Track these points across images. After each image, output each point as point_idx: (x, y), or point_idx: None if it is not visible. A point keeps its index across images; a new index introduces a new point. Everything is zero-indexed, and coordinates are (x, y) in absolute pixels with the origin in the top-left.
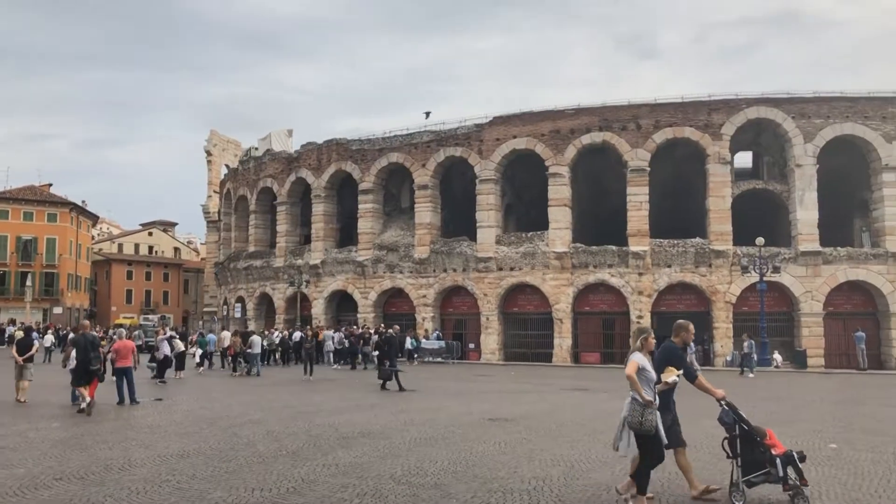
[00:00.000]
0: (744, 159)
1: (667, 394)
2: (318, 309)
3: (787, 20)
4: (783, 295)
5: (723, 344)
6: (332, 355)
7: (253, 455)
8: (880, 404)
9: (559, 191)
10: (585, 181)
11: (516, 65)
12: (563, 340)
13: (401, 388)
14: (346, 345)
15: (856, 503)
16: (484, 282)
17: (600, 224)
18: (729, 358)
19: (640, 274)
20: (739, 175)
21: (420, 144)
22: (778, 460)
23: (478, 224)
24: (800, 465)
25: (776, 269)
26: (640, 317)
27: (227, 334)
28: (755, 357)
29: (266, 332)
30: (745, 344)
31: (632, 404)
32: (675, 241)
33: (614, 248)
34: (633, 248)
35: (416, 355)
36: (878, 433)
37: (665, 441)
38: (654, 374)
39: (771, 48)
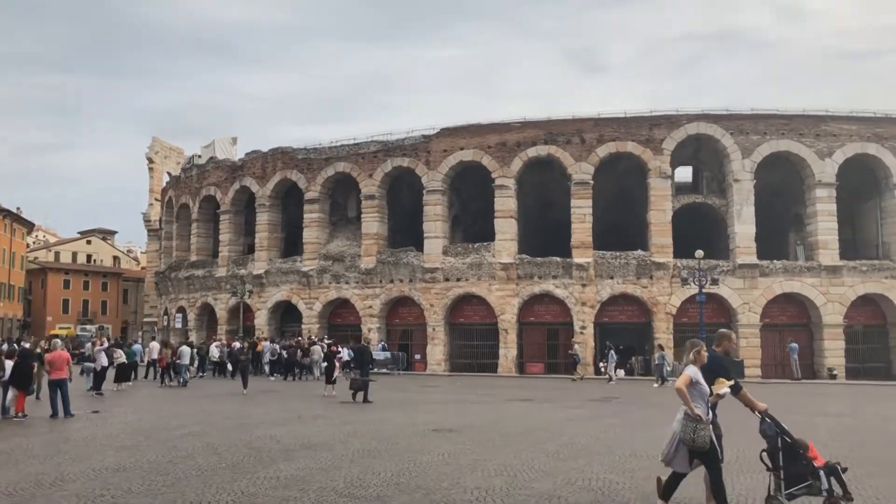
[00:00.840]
0: (684, 174)
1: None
2: (261, 319)
3: (727, 38)
4: (722, 307)
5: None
6: (268, 367)
7: (192, 468)
8: (812, 413)
9: (505, 203)
10: (531, 193)
11: (467, 77)
12: (508, 351)
13: (365, 400)
14: (284, 356)
15: (743, 498)
16: (430, 292)
17: (545, 236)
18: (669, 368)
19: (584, 285)
20: (680, 189)
21: (367, 154)
22: (821, 472)
23: (425, 235)
24: (843, 477)
25: (715, 282)
26: (583, 327)
27: (155, 345)
28: (668, 368)
29: (218, 343)
30: (657, 356)
31: (684, 419)
32: (618, 254)
33: (559, 259)
34: (577, 259)
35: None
36: (808, 440)
37: (721, 454)
38: (706, 388)
39: (712, 64)
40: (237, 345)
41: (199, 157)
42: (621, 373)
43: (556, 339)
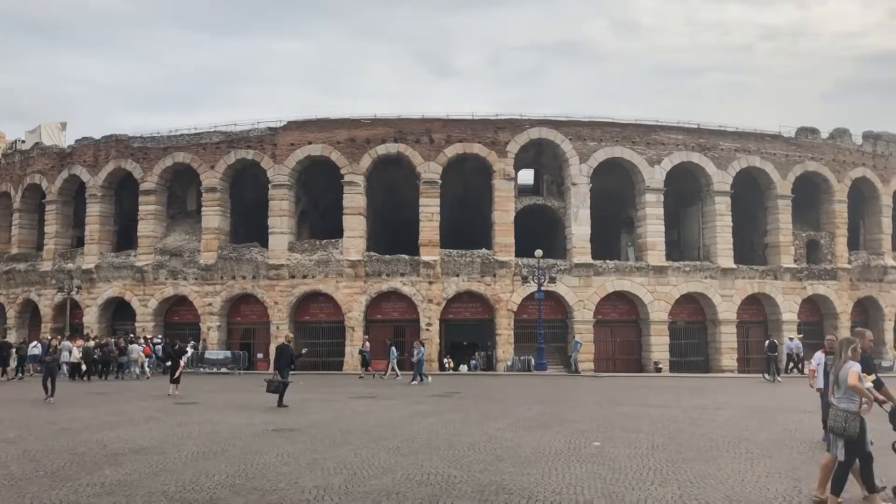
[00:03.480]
0: (527, 176)
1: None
2: (90, 317)
3: (571, 48)
4: (559, 304)
5: (504, 350)
6: (67, 367)
7: (3, 477)
8: (637, 404)
9: (354, 199)
10: (380, 191)
11: (318, 73)
12: (354, 348)
13: (280, 404)
14: (98, 354)
15: (612, 496)
16: (275, 290)
17: (394, 233)
18: (509, 363)
19: (431, 283)
20: (522, 191)
21: (209, 145)
22: None
23: (270, 230)
24: None
25: (552, 280)
26: (429, 324)
27: None
28: (421, 362)
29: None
30: (416, 351)
31: (834, 411)
32: (464, 252)
33: (407, 257)
34: (424, 257)
35: (200, 365)
36: (634, 431)
37: (869, 444)
38: (869, 383)
39: (555, 73)
40: (91, 344)
41: (23, 142)
42: (464, 368)
43: (403, 336)
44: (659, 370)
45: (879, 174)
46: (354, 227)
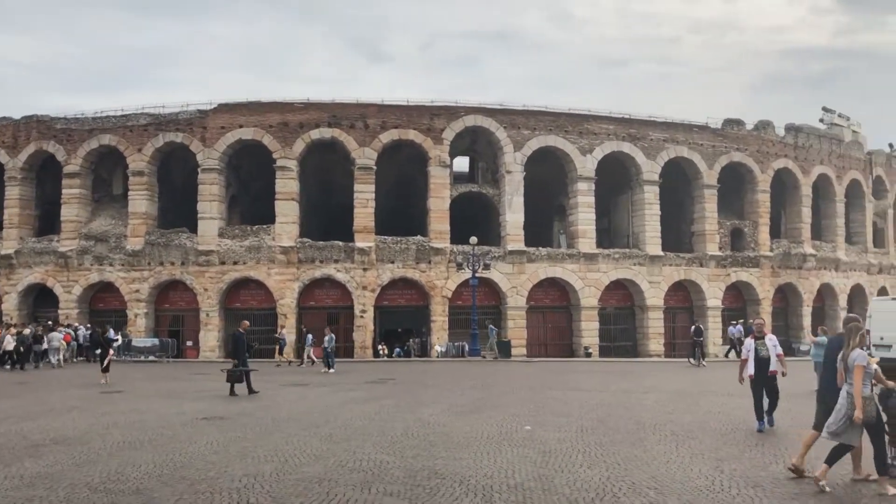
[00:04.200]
0: (462, 164)
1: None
2: (10, 304)
3: (505, 37)
4: (493, 290)
5: (439, 336)
6: None
7: None
8: (567, 388)
9: (287, 184)
10: (314, 176)
11: (251, 56)
12: (287, 336)
13: (251, 391)
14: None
15: (542, 479)
16: (205, 276)
17: (328, 219)
18: (443, 349)
19: (365, 269)
20: (458, 178)
21: (136, 127)
22: None
23: (199, 215)
24: None
25: (487, 267)
26: (363, 311)
27: None
28: (332, 350)
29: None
30: (326, 339)
31: (849, 397)
32: (399, 239)
33: (341, 243)
34: (359, 244)
35: (126, 353)
36: (564, 415)
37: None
38: (873, 368)
39: (491, 62)
40: (28, 331)
41: None
42: (398, 351)
43: (337, 322)
44: (589, 355)
45: (800, 165)
46: (287, 212)
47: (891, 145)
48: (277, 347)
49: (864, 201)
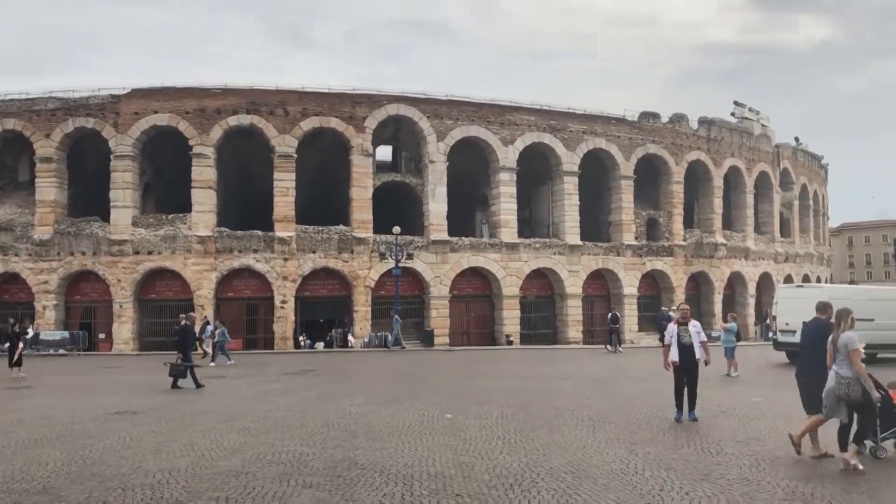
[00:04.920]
0: (385, 153)
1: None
2: None
3: (430, 27)
4: (416, 280)
5: (361, 326)
6: None
7: None
8: (488, 376)
9: (204, 172)
10: (232, 164)
11: (168, 40)
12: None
13: (197, 385)
14: None
15: (462, 466)
16: (118, 266)
17: (247, 208)
18: (366, 339)
19: (286, 259)
20: (381, 167)
21: (44, 112)
22: None
23: (112, 204)
24: None
25: (410, 256)
26: (283, 302)
27: None
28: (226, 342)
29: None
30: (217, 332)
31: (837, 378)
32: (320, 228)
33: (260, 233)
34: (279, 233)
35: (35, 347)
36: (485, 402)
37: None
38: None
39: (415, 51)
40: None
41: None
42: (321, 345)
43: (256, 314)
44: (510, 343)
45: (712, 157)
46: (204, 201)
47: (797, 139)
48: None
49: (772, 193)
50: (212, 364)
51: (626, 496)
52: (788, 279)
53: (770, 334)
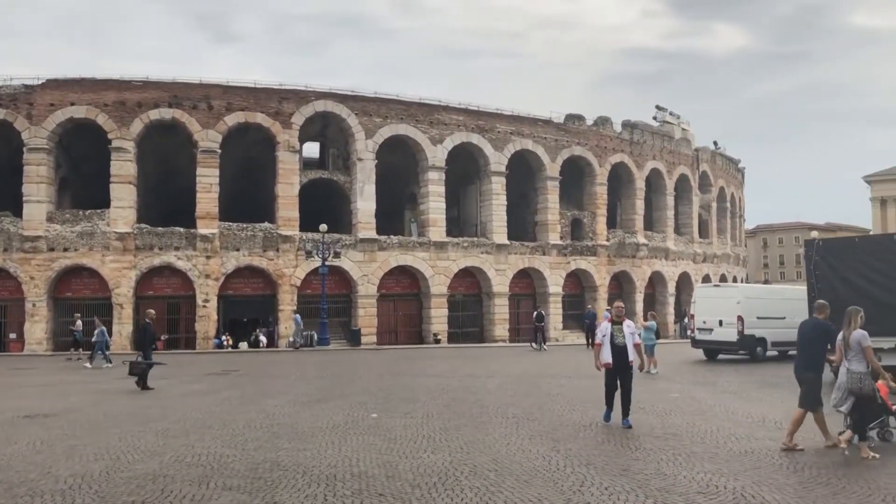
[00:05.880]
0: (312, 149)
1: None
2: None
3: (354, 22)
4: (343, 278)
5: (287, 325)
6: None
7: None
8: (415, 375)
9: (123, 167)
10: (153, 159)
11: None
12: (122, 327)
13: (144, 387)
14: None
15: (386, 465)
16: (31, 263)
17: (169, 205)
18: (291, 339)
19: (209, 257)
20: (308, 164)
21: None
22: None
23: (25, 198)
24: None
25: (337, 255)
26: (206, 300)
27: None
28: (106, 341)
29: None
30: (96, 332)
31: (849, 374)
32: (245, 225)
33: (182, 230)
34: (201, 230)
35: None
36: (410, 401)
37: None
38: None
39: (338, 47)
40: None
41: None
42: (244, 345)
43: (178, 313)
44: (438, 341)
45: (635, 160)
46: (123, 196)
47: (715, 143)
48: (73, 339)
49: (692, 195)
50: (87, 366)
51: (547, 492)
52: (706, 279)
53: (688, 332)
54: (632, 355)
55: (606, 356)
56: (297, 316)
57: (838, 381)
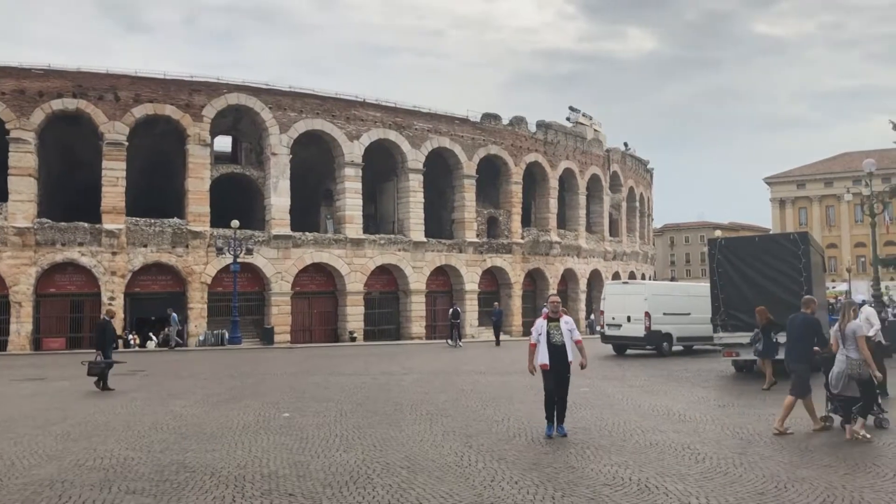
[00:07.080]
0: (224, 143)
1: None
2: None
3: (268, 14)
4: (256, 276)
5: (197, 324)
6: None
7: None
8: (330, 373)
9: (23, 158)
10: (56, 150)
11: None
12: (21, 326)
13: (105, 387)
14: None
15: (298, 465)
16: None
17: (72, 199)
18: (202, 338)
19: (115, 253)
20: (219, 158)
21: None
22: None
23: None
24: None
25: (250, 251)
26: (111, 298)
27: None
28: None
29: None
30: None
31: (848, 360)
32: (153, 221)
33: (87, 225)
34: (107, 225)
35: None
36: (324, 400)
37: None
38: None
39: (256, 39)
40: None
41: None
42: (152, 344)
43: (81, 311)
44: (354, 339)
45: (549, 160)
46: (23, 189)
47: (626, 144)
48: None
49: (603, 194)
50: None
51: (458, 488)
52: (616, 276)
53: (598, 328)
54: (571, 355)
55: (543, 356)
56: (175, 315)
57: (838, 369)
